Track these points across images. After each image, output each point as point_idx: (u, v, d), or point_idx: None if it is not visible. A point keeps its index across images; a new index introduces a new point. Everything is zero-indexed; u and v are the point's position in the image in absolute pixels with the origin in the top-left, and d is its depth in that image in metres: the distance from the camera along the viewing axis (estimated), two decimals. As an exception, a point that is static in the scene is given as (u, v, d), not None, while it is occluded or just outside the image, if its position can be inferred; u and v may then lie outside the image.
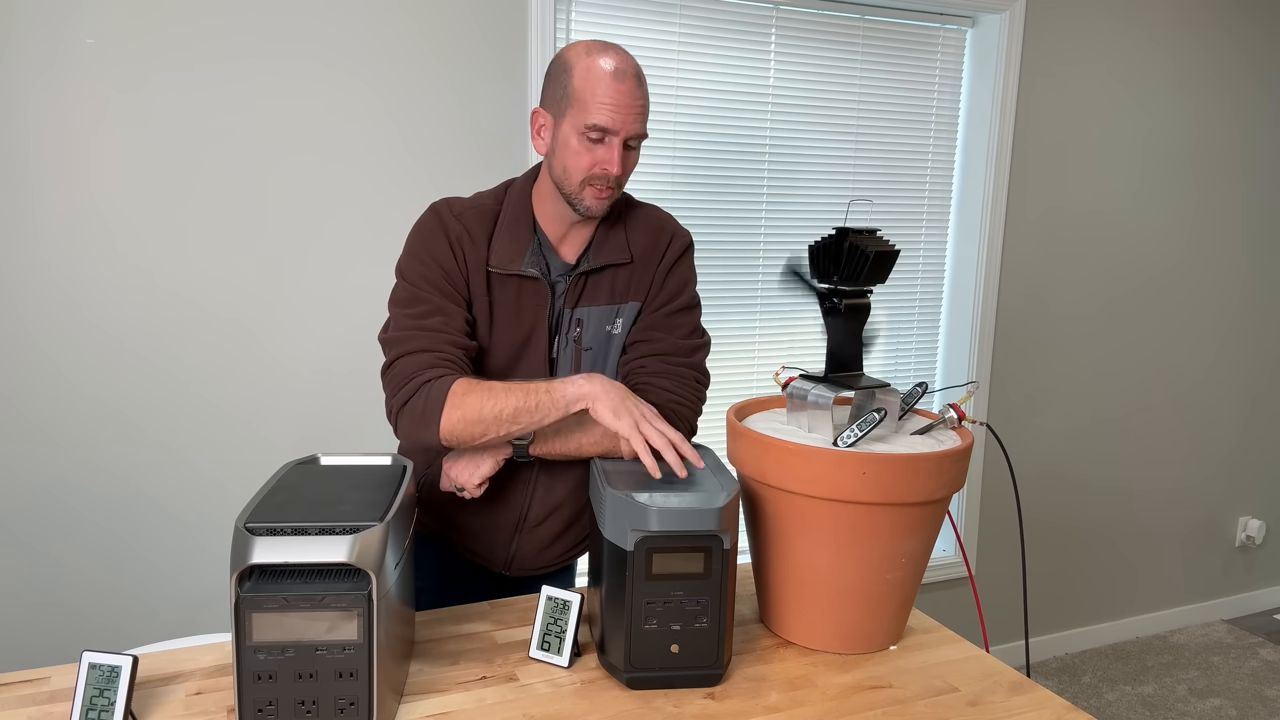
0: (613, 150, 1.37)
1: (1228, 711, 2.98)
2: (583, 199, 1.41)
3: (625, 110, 1.36)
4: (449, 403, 1.33)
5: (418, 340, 1.39)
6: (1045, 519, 3.24)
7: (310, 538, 1.10)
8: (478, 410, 1.32)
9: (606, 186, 1.40)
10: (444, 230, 1.44)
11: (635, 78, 1.37)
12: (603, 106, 1.35)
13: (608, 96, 1.34)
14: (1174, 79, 3.13)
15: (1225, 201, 3.33)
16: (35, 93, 1.96)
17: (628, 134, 1.37)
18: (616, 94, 1.35)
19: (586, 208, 1.41)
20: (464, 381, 1.34)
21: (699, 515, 1.24)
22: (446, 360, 1.38)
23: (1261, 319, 3.51)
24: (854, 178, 2.80)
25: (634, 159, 1.43)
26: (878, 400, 1.44)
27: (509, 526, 1.57)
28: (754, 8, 2.57)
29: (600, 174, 1.38)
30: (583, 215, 1.43)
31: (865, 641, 1.42)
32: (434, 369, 1.36)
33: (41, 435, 2.07)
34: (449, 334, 1.40)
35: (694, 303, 1.56)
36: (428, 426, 1.34)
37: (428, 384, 1.35)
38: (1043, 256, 3.04)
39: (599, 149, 1.37)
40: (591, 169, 1.38)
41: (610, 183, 1.39)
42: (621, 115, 1.36)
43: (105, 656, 1.14)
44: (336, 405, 2.27)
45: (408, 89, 2.22)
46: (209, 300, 2.14)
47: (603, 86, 1.35)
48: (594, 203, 1.41)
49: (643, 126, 1.39)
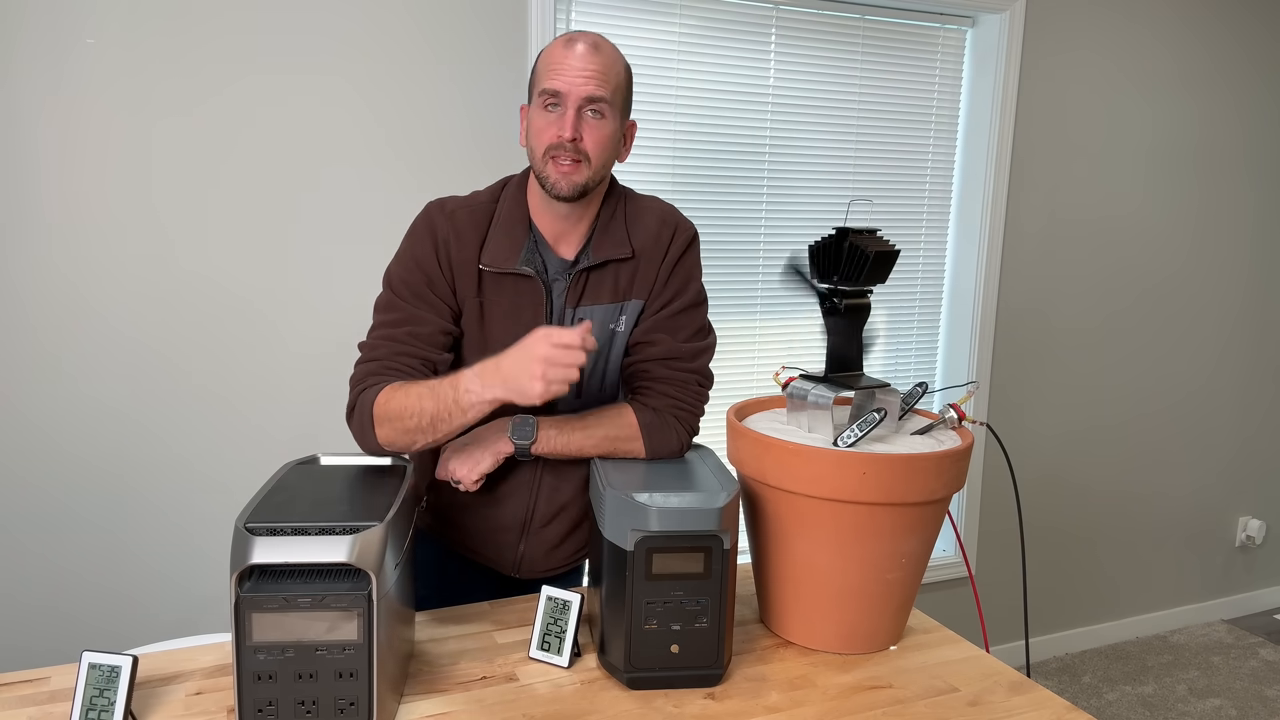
0: (565, 114, 1.36)
1: (1228, 711, 2.98)
2: (548, 175, 1.38)
3: (575, 72, 1.35)
4: (375, 414, 1.33)
5: (378, 349, 1.40)
6: (1045, 519, 3.24)
7: (310, 538, 1.10)
8: (401, 421, 1.31)
9: (566, 156, 1.36)
10: (431, 233, 1.44)
11: (591, 45, 1.37)
12: (553, 71, 1.36)
13: (559, 61, 1.37)
14: (1175, 78, 3.13)
15: (1227, 201, 3.33)
16: (36, 92, 1.96)
17: (580, 96, 1.35)
18: (566, 58, 1.36)
19: (553, 184, 1.38)
20: (388, 390, 1.33)
21: (699, 515, 1.24)
22: (395, 370, 1.38)
23: (1264, 318, 3.51)
24: (854, 178, 2.80)
25: (601, 132, 1.38)
26: (878, 400, 1.44)
27: (515, 528, 1.57)
28: (754, 8, 2.57)
29: (556, 141, 1.36)
30: (554, 196, 1.39)
31: (865, 641, 1.42)
32: (376, 377, 1.37)
33: (42, 435, 2.07)
34: (410, 345, 1.40)
35: (699, 300, 1.53)
36: (365, 437, 1.35)
37: (363, 393, 1.36)
38: (1043, 256, 3.04)
39: (554, 116, 1.37)
40: (550, 138, 1.37)
41: (568, 150, 1.36)
42: (571, 77, 1.35)
43: (105, 656, 1.14)
44: (336, 406, 2.26)
45: (408, 88, 2.22)
46: (209, 300, 2.14)
47: (555, 55, 1.38)
48: (558, 178, 1.38)
49: (599, 90, 1.36)
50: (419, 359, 1.40)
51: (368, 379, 1.38)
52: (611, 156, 1.43)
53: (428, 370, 1.40)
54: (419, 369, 1.39)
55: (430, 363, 1.41)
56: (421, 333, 1.41)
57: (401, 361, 1.39)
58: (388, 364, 1.38)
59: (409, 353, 1.40)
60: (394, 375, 1.37)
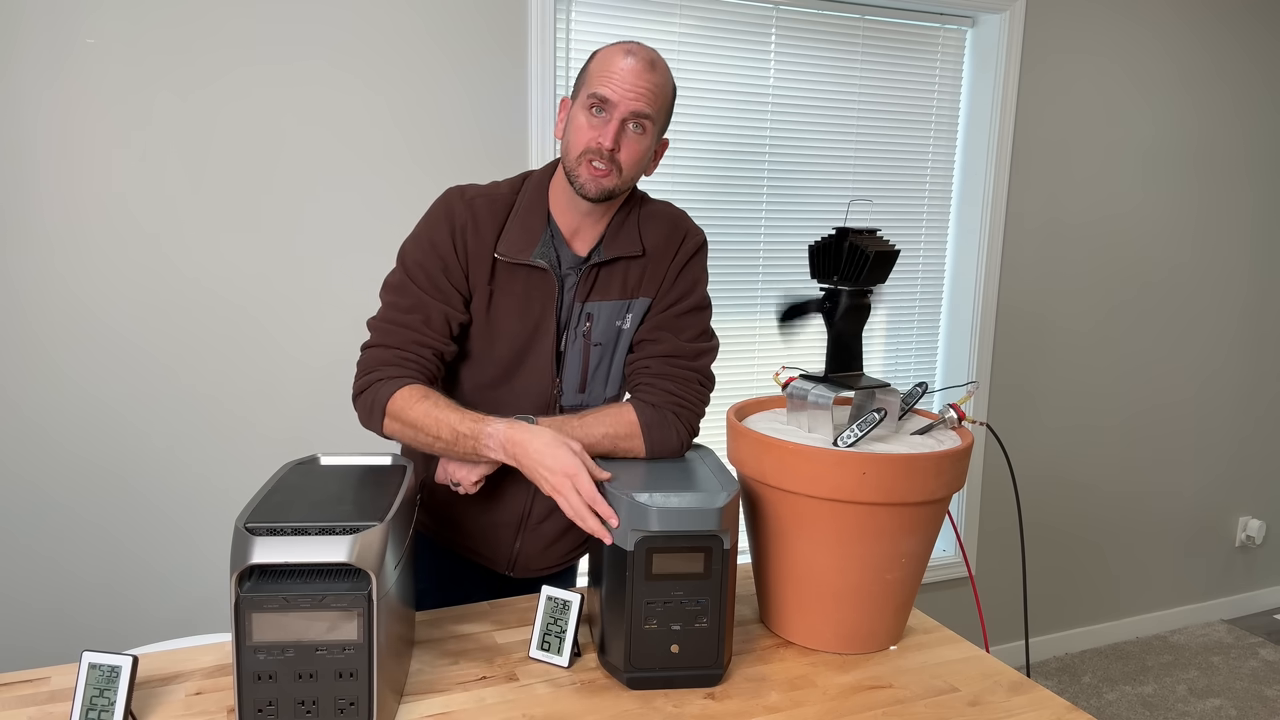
0: (610, 123, 1.38)
1: (1228, 711, 2.98)
2: (579, 175, 1.41)
3: (627, 85, 1.37)
4: (389, 411, 1.39)
5: (391, 335, 1.44)
6: (1045, 519, 3.24)
7: (310, 538, 1.10)
8: (414, 430, 1.39)
9: (603, 162, 1.39)
10: (449, 218, 1.46)
11: (648, 62, 1.39)
12: (606, 77, 1.38)
13: (612, 69, 1.38)
14: (1175, 78, 3.13)
15: (1227, 201, 3.33)
16: (36, 92, 1.96)
17: (627, 109, 1.37)
18: (621, 68, 1.38)
19: (582, 184, 1.41)
20: (407, 393, 1.39)
21: (699, 515, 1.24)
22: (409, 361, 1.43)
23: (1264, 318, 3.51)
24: (854, 178, 2.80)
25: (638, 147, 1.41)
26: (878, 400, 1.44)
27: (512, 525, 1.57)
28: (754, 8, 2.57)
29: (595, 146, 1.38)
30: (580, 195, 1.42)
31: (865, 641, 1.42)
32: (391, 367, 1.42)
33: (42, 436, 2.07)
34: (422, 334, 1.44)
35: (704, 303, 1.55)
36: (372, 423, 1.43)
37: (379, 383, 1.41)
38: (1043, 256, 3.04)
39: (597, 121, 1.39)
40: (589, 142, 1.39)
41: (605, 158, 1.39)
42: (622, 88, 1.37)
43: (105, 656, 1.14)
44: (336, 406, 2.26)
45: (407, 87, 2.22)
46: (209, 298, 2.14)
47: (611, 63, 1.39)
48: (589, 180, 1.40)
49: (647, 108, 1.38)
50: (429, 348, 1.44)
51: (382, 368, 1.42)
52: (641, 169, 1.46)
53: (437, 360, 1.45)
54: (429, 359, 1.44)
55: (439, 351, 1.45)
56: (433, 320, 1.44)
57: (413, 351, 1.43)
58: (401, 353, 1.43)
59: (420, 341, 1.43)
60: (407, 369, 1.42)
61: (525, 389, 1.50)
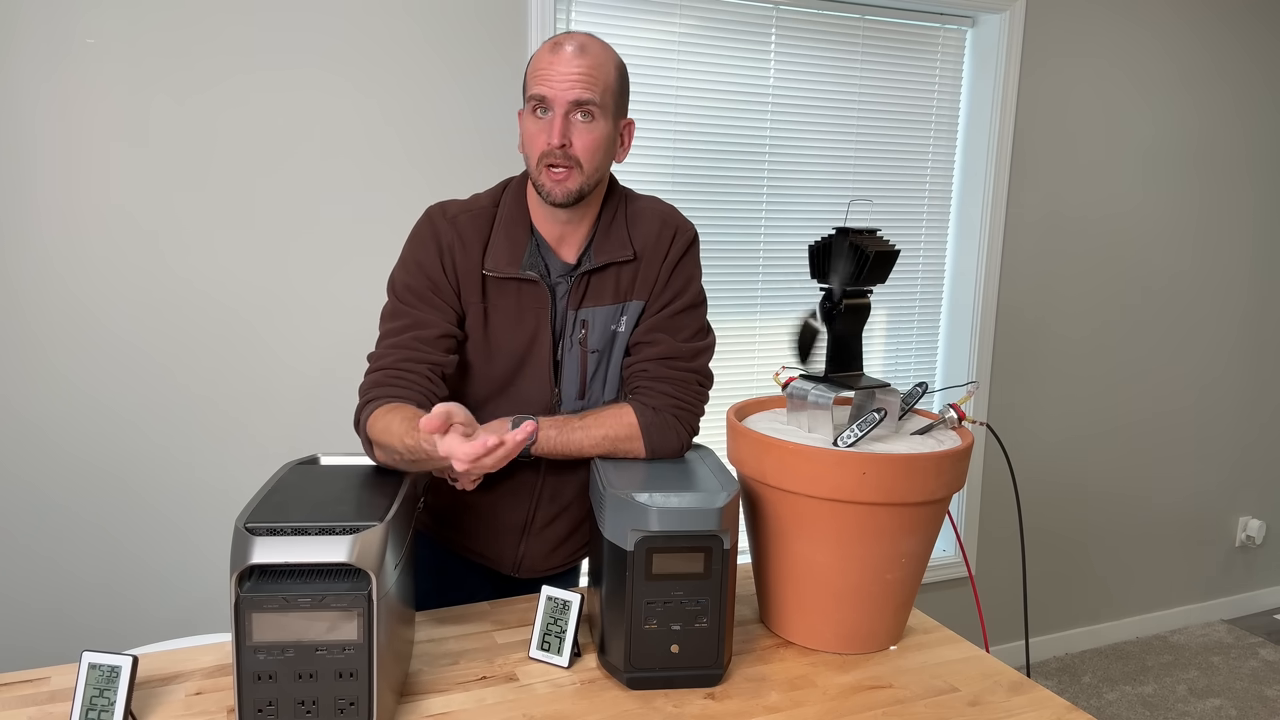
0: (554, 120, 1.35)
1: (1228, 711, 2.98)
2: (542, 183, 1.38)
3: (560, 76, 1.34)
4: (371, 439, 1.33)
5: (386, 357, 1.40)
6: (1045, 519, 3.24)
7: (310, 538, 1.10)
8: (387, 450, 1.30)
9: (559, 163, 1.36)
10: (435, 237, 1.43)
11: (577, 47, 1.36)
12: (539, 76, 1.36)
13: (545, 66, 1.36)
14: (1175, 78, 3.13)
15: (1228, 202, 3.33)
16: (36, 92, 1.96)
17: (565, 101, 1.35)
18: (553, 62, 1.35)
19: (547, 191, 1.38)
20: (379, 413, 1.30)
21: (699, 515, 1.24)
22: (400, 378, 1.37)
23: (1265, 319, 3.51)
24: (854, 178, 2.80)
25: (591, 136, 1.37)
26: (878, 400, 1.44)
27: (516, 529, 1.57)
28: (754, 8, 2.57)
29: (547, 148, 1.36)
30: (549, 203, 1.40)
31: (865, 641, 1.42)
32: (380, 388, 1.36)
33: (42, 437, 2.07)
34: (416, 349, 1.39)
35: (699, 300, 1.53)
36: (368, 453, 1.36)
37: (364, 408, 1.36)
38: (1043, 256, 3.04)
39: (543, 122, 1.37)
40: (541, 145, 1.37)
41: (558, 157, 1.36)
42: (555, 81, 1.34)
43: (105, 656, 1.14)
44: (336, 406, 2.27)
45: (407, 89, 2.22)
46: (208, 301, 2.14)
47: (542, 60, 1.37)
48: (551, 185, 1.37)
49: (585, 93, 1.35)
50: (425, 363, 1.39)
51: (372, 390, 1.37)
52: (606, 159, 1.42)
53: (434, 375, 1.39)
54: (425, 374, 1.38)
55: (436, 366, 1.40)
56: (426, 336, 1.41)
57: (407, 368, 1.38)
58: (393, 372, 1.38)
59: (414, 358, 1.39)
60: (397, 387, 1.36)
61: (525, 400, 1.48)
